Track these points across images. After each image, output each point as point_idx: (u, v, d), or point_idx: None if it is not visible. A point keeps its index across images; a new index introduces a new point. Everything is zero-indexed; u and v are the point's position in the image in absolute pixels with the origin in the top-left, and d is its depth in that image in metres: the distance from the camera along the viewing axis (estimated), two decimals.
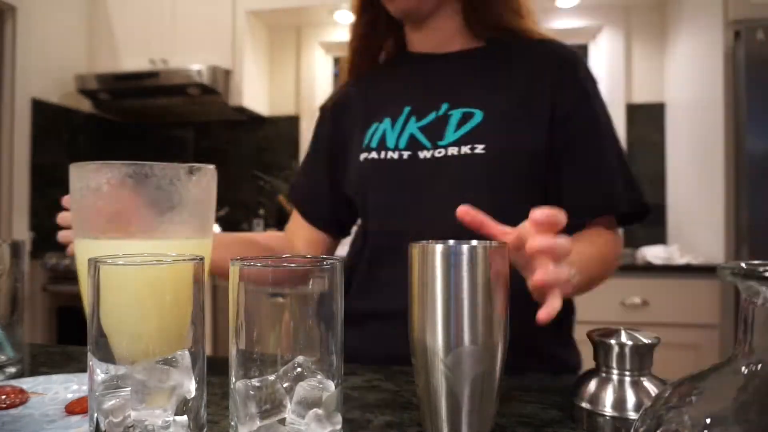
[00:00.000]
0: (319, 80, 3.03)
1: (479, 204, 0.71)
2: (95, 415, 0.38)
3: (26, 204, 2.60)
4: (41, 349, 0.78)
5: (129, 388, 0.38)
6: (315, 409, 0.39)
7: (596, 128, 0.81)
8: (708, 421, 0.27)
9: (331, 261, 0.42)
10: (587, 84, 0.82)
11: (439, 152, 0.79)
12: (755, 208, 1.92)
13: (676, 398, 0.29)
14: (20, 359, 0.66)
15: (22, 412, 0.50)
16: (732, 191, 2.01)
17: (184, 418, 0.39)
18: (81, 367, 0.68)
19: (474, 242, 0.48)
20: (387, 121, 0.85)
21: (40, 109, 2.68)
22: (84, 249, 0.51)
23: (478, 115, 0.79)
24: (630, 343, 0.50)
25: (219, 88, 2.69)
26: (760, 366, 0.27)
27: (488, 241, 0.49)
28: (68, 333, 2.51)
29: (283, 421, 0.39)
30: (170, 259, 0.41)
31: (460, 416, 0.47)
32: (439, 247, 0.46)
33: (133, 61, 2.82)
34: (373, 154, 0.83)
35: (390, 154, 0.82)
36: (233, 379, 0.40)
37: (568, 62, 0.82)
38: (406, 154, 0.81)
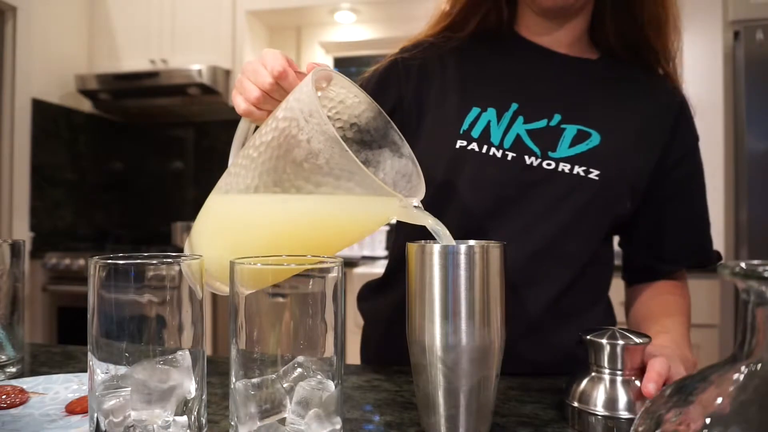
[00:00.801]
0: None
1: (567, 228, 0.73)
2: (95, 414, 0.38)
3: (26, 204, 2.60)
4: (41, 349, 0.78)
5: (129, 388, 0.38)
6: (315, 409, 0.39)
7: (699, 180, 0.81)
8: (708, 421, 0.27)
9: (331, 261, 0.42)
10: (696, 133, 0.81)
11: (548, 164, 0.73)
12: (755, 208, 1.92)
13: (676, 398, 0.29)
14: (20, 359, 0.66)
15: (22, 411, 0.50)
16: (732, 191, 2.01)
17: (184, 418, 0.39)
18: (81, 367, 0.68)
19: (471, 242, 0.48)
20: (492, 112, 0.76)
21: (41, 109, 2.68)
22: None
23: (595, 138, 0.74)
24: (621, 342, 0.50)
25: (219, 88, 2.69)
26: (760, 366, 0.27)
27: (486, 241, 0.49)
28: (68, 333, 2.51)
29: (283, 421, 0.39)
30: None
31: (458, 415, 0.47)
32: (437, 247, 0.47)
33: (133, 61, 2.82)
34: (473, 146, 0.74)
35: (493, 150, 0.74)
36: (233, 379, 0.40)
37: (686, 107, 0.80)
38: (510, 156, 0.73)
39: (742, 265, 0.27)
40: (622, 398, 0.50)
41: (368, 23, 2.88)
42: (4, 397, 0.51)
